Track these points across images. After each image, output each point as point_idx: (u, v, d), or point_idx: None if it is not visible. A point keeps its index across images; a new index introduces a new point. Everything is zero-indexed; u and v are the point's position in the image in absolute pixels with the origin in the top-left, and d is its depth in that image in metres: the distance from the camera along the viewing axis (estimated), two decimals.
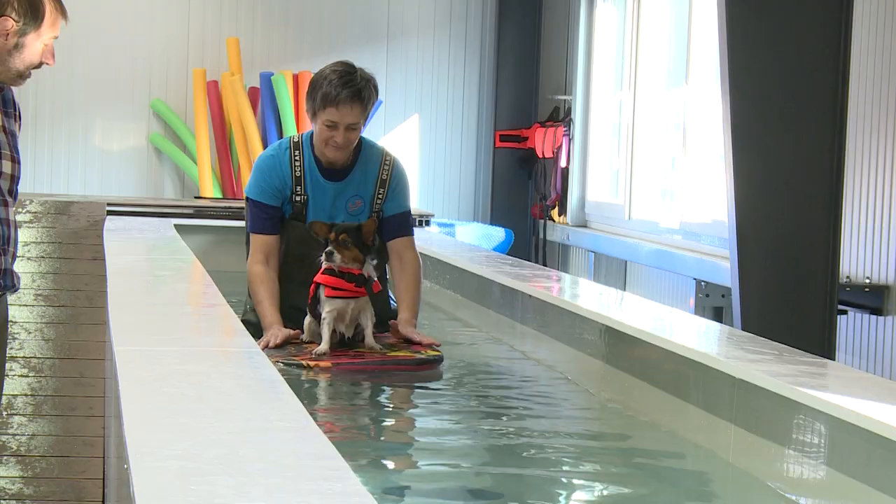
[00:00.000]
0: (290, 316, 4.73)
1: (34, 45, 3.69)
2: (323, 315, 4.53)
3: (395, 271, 4.90)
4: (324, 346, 4.49)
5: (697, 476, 3.54)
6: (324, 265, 4.51)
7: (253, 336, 4.73)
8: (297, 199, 4.84)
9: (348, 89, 4.69)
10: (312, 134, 4.85)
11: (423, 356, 4.59)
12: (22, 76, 3.73)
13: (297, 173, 4.84)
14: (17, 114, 3.80)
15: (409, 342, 4.71)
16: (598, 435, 4.01)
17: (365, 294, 4.54)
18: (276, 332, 4.62)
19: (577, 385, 4.56)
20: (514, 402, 4.35)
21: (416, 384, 4.47)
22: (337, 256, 4.49)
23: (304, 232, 4.79)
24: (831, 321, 5.69)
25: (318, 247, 4.57)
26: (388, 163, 4.92)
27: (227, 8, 11.40)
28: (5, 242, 3.72)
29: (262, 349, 4.54)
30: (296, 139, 4.90)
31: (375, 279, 4.62)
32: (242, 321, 4.99)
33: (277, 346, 4.56)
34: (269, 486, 2.03)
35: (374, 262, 4.65)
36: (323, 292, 4.54)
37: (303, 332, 4.67)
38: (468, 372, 4.69)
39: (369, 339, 4.57)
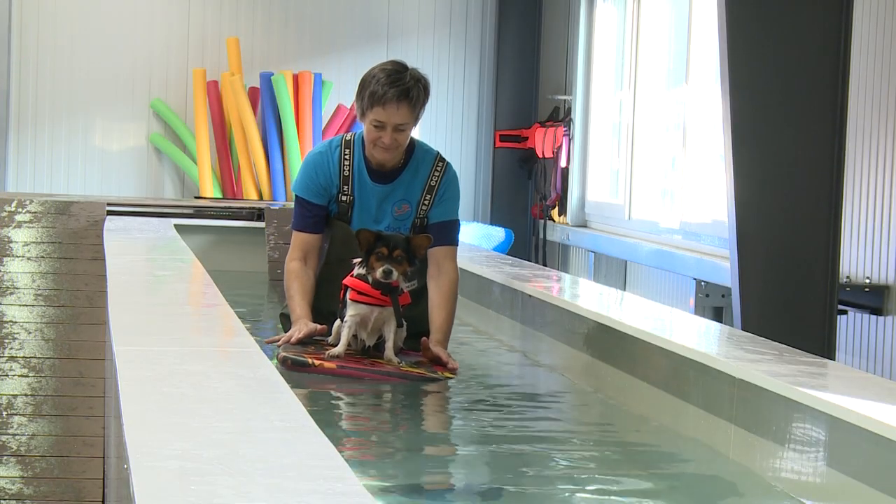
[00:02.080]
0: (328, 318, 4.61)
1: None
2: (346, 318, 4.45)
3: (432, 281, 4.71)
4: (339, 348, 4.41)
5: (697, 476, 3.54)
6: (379, 278, 4.38)
7: (289, 330, 4.71)
8: (344, 199, 4.73)
9: (395, 88, 4.59)
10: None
11: (434, 375, 4.45)
12: None
13: (346, 173, 4.72)
14: None
15: (435, 362, 4.55)
16: (598, 435, 4.01)
17: (390, 304, 4.44)
18: (302, 326, 4.55)
19: (577, 385, 4.56)
20: (515, 403, 4.35)
21: (419, 386, 4.45)
22: (395, 273, 4.37)
23: (347, 233, 4.69)
24: (831, 321, 5.69)
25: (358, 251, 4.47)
26: (439, 169, 4.78)
27: (227, 8, 11.40)
28: None
29: (283, 343, 4.52)
30: (347, 138, 4.78)
31: (405, 290, 4.50)
32: (281, 314, 4.96)
33: (299, 342, 4.50)
34: (269, 486, 2.03)
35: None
36: (349, 295, 4.46)
37: (330, 332, 4.58)
38: (470, 373, 4.69)
39: (388, 351, 4.45)
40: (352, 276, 4.48)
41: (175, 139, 11.31)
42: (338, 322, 4.55)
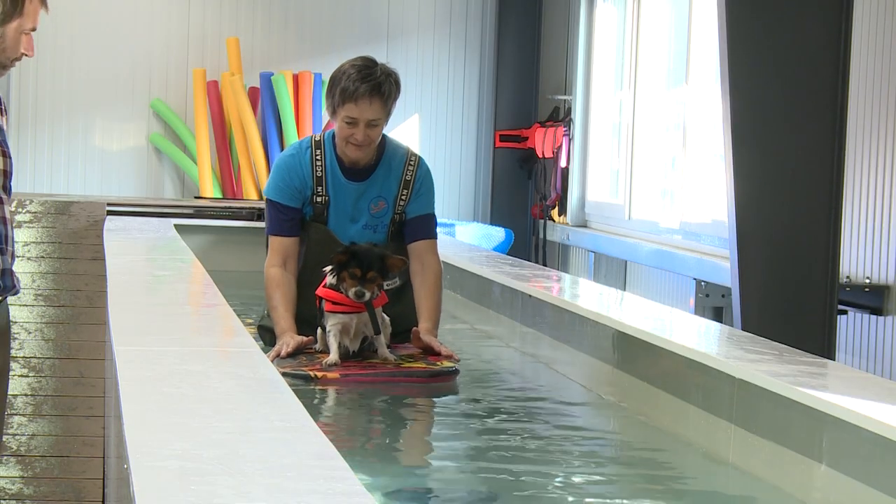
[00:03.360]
0: (310, 322, 4.57)
1: (14, 35, 3.59)
2: (328, 328, 4.42)
3: (416, 276, 4.70)
4: (333, 357, 4.36)
5: (696, 476, 3.54)
6: (352, 299, 4.35)
7: (270, 343, 4.66)
8: (318, 200, 4.68)
9: (367, 84, 4.52)
10: (334, 133, 4.68)
11: (437, 368, 4.43)
12: (4, 66, 3.63)
13: (319, 173, 4.67)
14: (3, 108, 3.66)
15: (428, 352, 4.55)
16: (598, 435, 4.01)
17: (364, 309, 4.41)
18: (288, 339, 4.47)
19: (577, 385, 4.56)
20: (515, 403, 4.35)
21: (418, 385, 4.44)
22: (367, 295, 4.33)
23: (324, 234, 4.65)
24: (831, 321, 5.69)
25: (336, 250, 4.43)
26: (412, 163, 4.76)
27: (227, 8, 11.40)
28: (3, 241, 3.63)
29: (273, 359, 4.47)
30: (317, 138, 4.73)
31: (381, 292, 4.45)
32: (260, 326, 4.88)
33: (289, 355, 4.42)
34: (269, 486, 2.03)
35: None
36: (324, 306, 4.43)
37: (316, 341, 4.54)
38: (470, 373, 4.69)
39: (381, 348, 4.43)
40: (323, 285, 4.44)
41: (175, 139, 11.31)
42: (320, 331, 4.51)
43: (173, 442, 2.28)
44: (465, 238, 10.18)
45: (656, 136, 9.62)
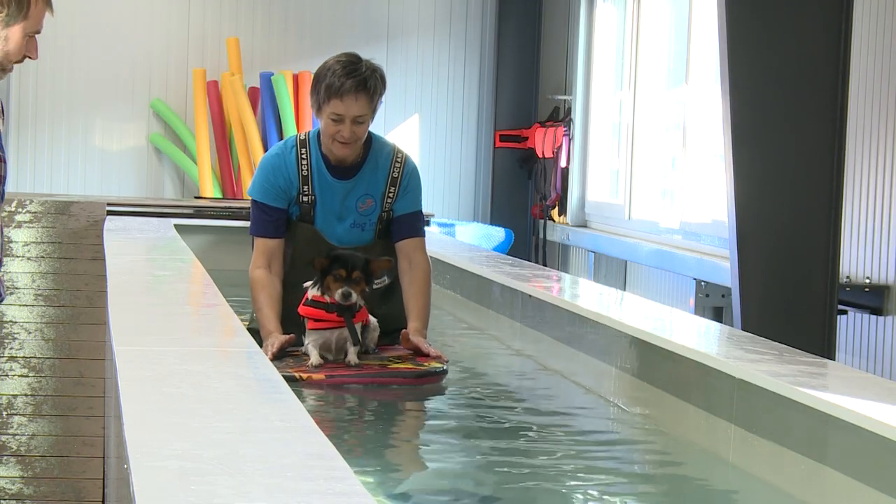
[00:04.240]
0: (296, 322, 4.51)
1: (18, 37, 3.57)
2: (307, 342, 4.39)
3: (404, 275, 4.66)
4: (315, 359, 4.34)
5: (697, 476, 3.54)
6: (339, 300, 4.31)
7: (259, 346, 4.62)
8: (305, 199, 4.62)
9: (353, 79, 4.50)
10: (319, 131, 4.64)
11: (424, 368, 4.41)
12: (4, 69, 3.61)
13: (304, 172, 4.62)
14: (1, 110, 3.61)
15: (417, 353, 4.52)
16: (598, 435, 4.01)
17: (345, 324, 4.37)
18: (274, 340, 4.44)
19: (576, 385, 4.56)
20: (514, 403, 4.36)
21: (419, 388, 4.44)
22: (354, 295, 4.30)
23: (311, 233, 4.61)
24: (831, 321, 5.69)
25: (324, 252, 4.40)
26: (399, 160, 4.72)
27: (227, 8, 11.40)
28: None
29: None
30: (302, 137, 4.68)
31: (361, 306, 4.41)
32: (249, 330, 4.86)
33: (275, 357, 4.36)
34: (269, 486, 2.03)
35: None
36: (306, 325, 4.40)
37: (300, 341, 4.48)
38: (469, 373, 4.69)
39: (350, 356, 4.38)
40: (304, 303, 4.41)
41: (175, 139, 11.31)
42: (305, 341, 4.48)
43: (173, 442, 2.28)
44: (465, 238, 10.18)
45: (656, 136, 9.62)
